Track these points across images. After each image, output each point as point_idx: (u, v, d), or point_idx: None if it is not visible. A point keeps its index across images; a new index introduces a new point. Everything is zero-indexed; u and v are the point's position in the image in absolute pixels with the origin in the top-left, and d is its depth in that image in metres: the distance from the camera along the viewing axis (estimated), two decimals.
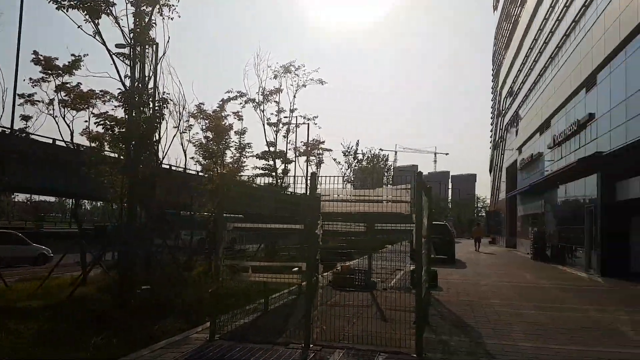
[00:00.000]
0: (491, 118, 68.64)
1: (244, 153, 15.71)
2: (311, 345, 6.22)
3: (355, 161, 38.44)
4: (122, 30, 9.78)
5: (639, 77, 14.80)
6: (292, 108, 18.00)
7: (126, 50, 10.06)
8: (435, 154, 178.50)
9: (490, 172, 63.29)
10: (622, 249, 17.31)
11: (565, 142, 22.96)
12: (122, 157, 11.00)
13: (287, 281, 6.92)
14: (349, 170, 37.18)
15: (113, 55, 9.80)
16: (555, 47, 25.62)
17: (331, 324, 7.16)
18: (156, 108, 10.62)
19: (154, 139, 10.73)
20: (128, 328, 6.93)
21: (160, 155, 11.77)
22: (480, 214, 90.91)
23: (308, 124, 22.85)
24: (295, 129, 21.20)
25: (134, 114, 9.32)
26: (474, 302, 10.61)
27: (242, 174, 14.54)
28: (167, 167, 17.55)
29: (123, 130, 9.61)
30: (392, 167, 59.65)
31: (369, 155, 43.47)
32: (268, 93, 16.85)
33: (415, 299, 6.31)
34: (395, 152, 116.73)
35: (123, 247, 9.28)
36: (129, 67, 9.82)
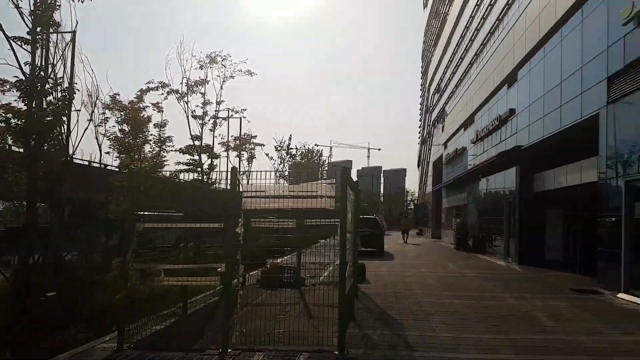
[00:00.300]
0: (420, 114, 70.85)
1: (164, 147, 14.92)
2: (229, 350, 5.89)
3: (289, 156, 38.22)
4: (20, 12, 8.87)
5: (556, 74, 15.57)
6: (218, 100, 17.37)
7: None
8: (368, 149, 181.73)
9: (418, 167, 65.41)
10: (538, 238, 18.28)
11: (487, 137, 23.93)
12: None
13: (204, 284, 6.49)
14: (282, 165, 36.90)
15: (10, 40, 8.86)
16: (480, 45, 26.59)
17: (254, 325, 6.87)
18: (65, 98, 9.75)
19: (62, 132, 9.85)
20: (25, 341, 6.25)
21: (71, 149, 10.84)
22: (409, 207, 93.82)
23: (240, 118, 22.31)
24: (223, 122, 20.56)
25: (34, 105, 8.46)
26: (399, 294, 10.70)
27: (163, 169, 13.77)
28: (86, 162, 16.36)
29: (22, 122, 8.70)
30: (326, 162, 59.99)
31: (303, 150, 43.44)
32: (193, 84, 16.14)
33: (338, 295, 6.15)
34: (330, 148, 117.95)
35: (23, 250, 8.43)
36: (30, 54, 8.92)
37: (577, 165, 14.78)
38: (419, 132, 69.33)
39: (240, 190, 6.54)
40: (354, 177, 54.94)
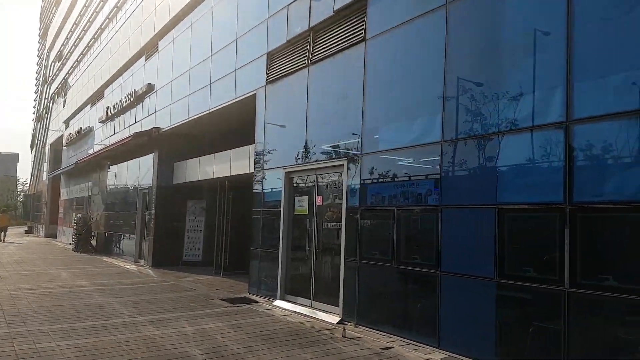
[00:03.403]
0: (36, 86, 59.51)
1: None
2: None
3: None
4: None
5: (206, 46, 13.37)
6: None
7: None
8: None
9: (31, 149, 54.56)
10: (176, 236, 15.92)
11: (120, 115, 20.16)
12: None
13: None
14: None
15: None
16: (114, 7, 22.45)
17: None
18: None
19: None
20: None
21: None
22: (19, 199, 78.63)
23: None
24: None
25: None
26: None
27: None
28: None
29: None
30: None
31: None
32: None
33: None
34: None
35: None
36: None
37: (227, 154, 13.01)
38: (35, 107, 58.08)
39: None
40: None
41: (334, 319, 7.63)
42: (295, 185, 9.47)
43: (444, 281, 5.99)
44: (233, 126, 13.85)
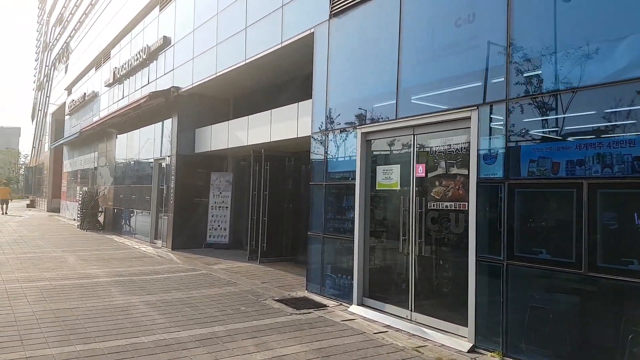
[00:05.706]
0: (36, 53, 56.61)
1: None
2: None
3: None
4: None
5: None
6: None
7: None
8: None
9: (32, 120, 51.95)
10: (199, 214, 13.61)
11: (130, 76, 17.62)
12: None
13: None
14: None
15: None
16: None
17: None
18: None
19: None
20: None
21: None
22: (20, 172, 76.42)
23: None
24: None
25: None
26: None
27: None
28: None
29: None
30: None
31: None
32: None
33: None
34: None
35: None
36: None
37: (265, 116, 10.53)
38: (35, 76, 55.28)
39: None
40: None
41: (462, 344, 5.24)
42: (376, 150, 6.99)
43: None
44: (276, 80, 11.38)
